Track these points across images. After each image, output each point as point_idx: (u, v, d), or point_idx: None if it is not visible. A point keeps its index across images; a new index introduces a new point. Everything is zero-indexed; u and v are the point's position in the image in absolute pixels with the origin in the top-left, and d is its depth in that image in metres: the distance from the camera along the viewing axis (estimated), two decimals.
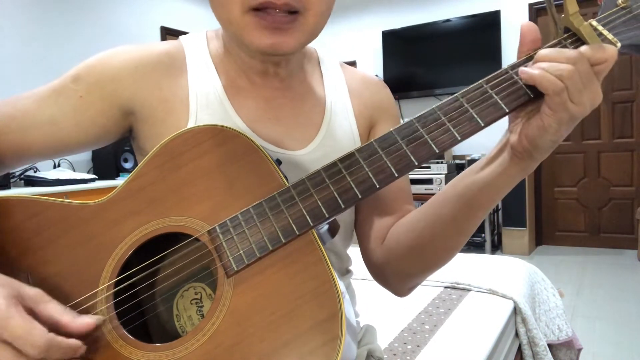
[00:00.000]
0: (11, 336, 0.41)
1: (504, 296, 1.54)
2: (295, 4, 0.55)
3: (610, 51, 0.48)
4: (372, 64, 5.10)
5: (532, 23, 0.53)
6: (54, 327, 0.45)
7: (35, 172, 3.01)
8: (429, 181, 4.04)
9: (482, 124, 0.50)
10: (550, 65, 0.48)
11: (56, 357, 0.44)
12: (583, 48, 0.49)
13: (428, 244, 0.62)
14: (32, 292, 0.46)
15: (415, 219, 0.64)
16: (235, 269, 0.49)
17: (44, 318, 0.45)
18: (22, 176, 2.95)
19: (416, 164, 0.51)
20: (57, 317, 0.45)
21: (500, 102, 0.51)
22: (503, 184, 0.55)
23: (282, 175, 0.54)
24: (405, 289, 0.69)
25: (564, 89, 0.47)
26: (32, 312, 0.45)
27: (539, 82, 0.48)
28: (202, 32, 0.72)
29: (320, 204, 0.51)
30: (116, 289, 0.52)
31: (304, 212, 0.51)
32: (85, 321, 0.47)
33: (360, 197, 0.51)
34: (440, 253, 0.62)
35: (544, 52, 0.49)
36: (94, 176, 3.23)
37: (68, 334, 0.45)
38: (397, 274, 0.68)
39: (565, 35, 0.53)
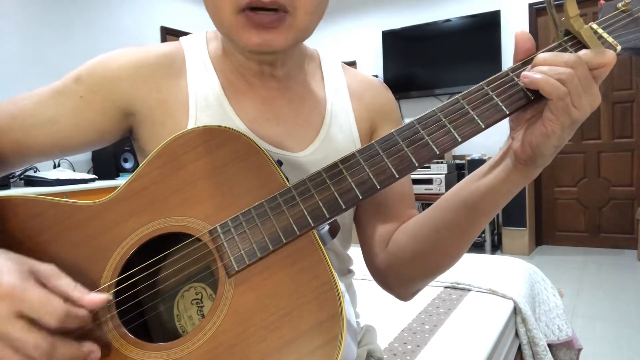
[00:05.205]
0: (29, 308, 0.43)
1: (504, 296, 1.54)
2: (283, 2, 0.55)
3: (609, 56, 0.49)
4: (372, 64, 5.10)
5: (525, 32, 0.53)
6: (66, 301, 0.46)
7: (35, 172, 3.01)
8: (429, 181, 4.04)
9: (483, 126, 0.51)
10: (550, 69, 0.48)
11: (71, 326, 0.45)
12: (582, 52, 0.49)
13: (431, 249, 0.62)
14: (45, 267, 0.47)
15: (419, 224, 0.64)
16: (236, 268, 0.50)
17: (56, 292, 0.46)
18: (22, 176, 2.95)
19: (417, 165, 0.51)
20: (69, 293, 0.47)
21: (500, 104, 0.51)
22: (506, 191, 0.55)
23: (283, 176, 0.54)
24: (409, 293, 0.70)
25: (567, 94, 0.47)
26: (45, 287, 0.46)
27: (542, 86, 0.48)
28: (202, 33, 0.72)
29: (321, 205, 0.51)
30: (117, 289, 0.52)
31: (305, 212, 0.51)
32: (95, 297, 0.48)
33: (361, 197, 0.51)
34: (443, 258, 0.63)
35: (542, 56, 0.50)
36: (94, 176, 3.23)
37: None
38: (400, 279, 0.68)
39: (566, 37, 0.53)
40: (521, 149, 0.52)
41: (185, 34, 0.71)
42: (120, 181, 3.26)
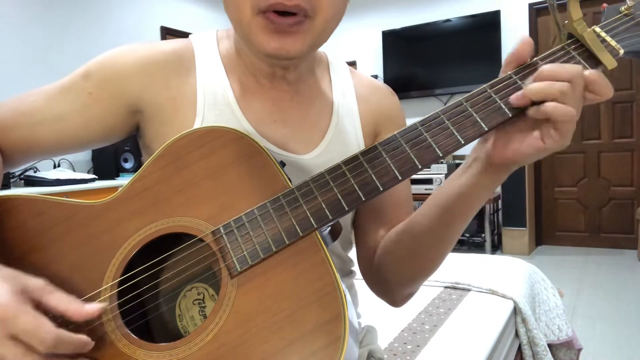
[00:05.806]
0: (21, 332, 0.42)
1: (504, 296, 1.54)
2: (305, 5, 0.55)
3: (611, 92, 0.49)
4: (372, 64, 5.10)
5: (529, 40, 0.52)
6: (61, 317, 0.46)
7: (35, 172, 3.00)
8: (428, 181, 4.04)
9: (486, 129, 0.51)
10: (554, 90, 0.47)
11: (66, 352, 0.45)
12: (587, 72, 0.49)
13: (412, 253, 0.63)
14: (36, 283, 0.46)
15: (401, 229, 0.65)
16: (239, 269, 0.50)
17: (50, 308, 0.46)
18: (22, 176, 2.94)
19: (420, 167, 0.51)
20: (63, 307, 0.46)
21: (504, 107, 0.51)
22: (477, 195, 0.56)
23: (286, 177, 0.54)
24: (399, 299, 0.70)
25: (575, 117, 0.47)
26: (39, 303, 0.45)
27: (560, 117, 0.47)
28: (213, 32, 0.72)
29: (324, 206, 0.51)
30: (120, 289, 0.52)
31: (308, 213, 0.51)
32: (89, 308, 0.47)
33: (363, 199, 0.51)
34: (425, 262, 0.64)
35: (547, 68, 0.49)
36: (94, 176, 3.23)
37: (75, 322, 0.47)
38: (387, 283, 0.69)
39: (569, 41, 0.53)
40: (499, 154, 0.52)
41: (185, 34, 0.70)
42: (120, 181, 3.26)
